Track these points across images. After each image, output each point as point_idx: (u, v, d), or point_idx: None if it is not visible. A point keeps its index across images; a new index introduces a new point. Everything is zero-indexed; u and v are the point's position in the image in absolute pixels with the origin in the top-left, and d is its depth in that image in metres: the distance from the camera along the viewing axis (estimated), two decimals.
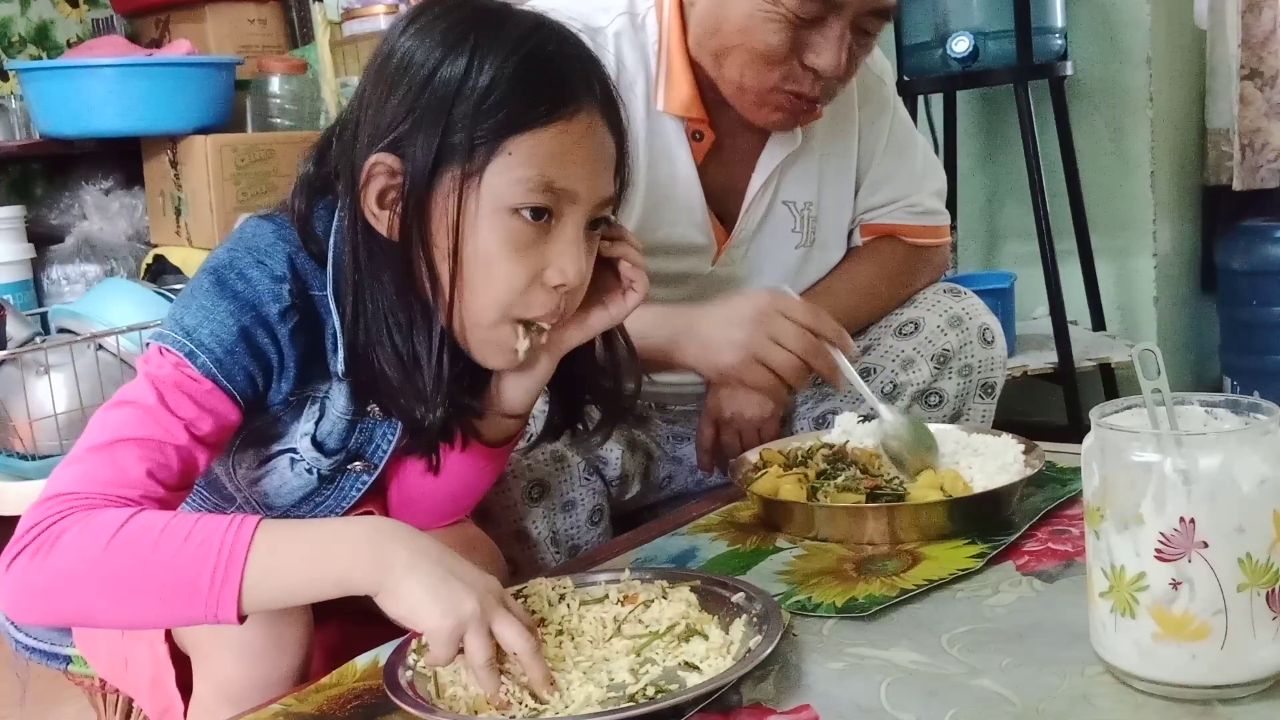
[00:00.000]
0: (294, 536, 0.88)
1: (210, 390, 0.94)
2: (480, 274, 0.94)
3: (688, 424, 1.55)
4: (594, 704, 0.84)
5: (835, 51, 1.29)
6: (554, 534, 1.35)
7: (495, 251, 0.93)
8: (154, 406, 0.92)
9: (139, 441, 0.91)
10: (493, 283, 0.94)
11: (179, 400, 0.93)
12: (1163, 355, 0.80)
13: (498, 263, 0.93)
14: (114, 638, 1.07)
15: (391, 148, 0.93)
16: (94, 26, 3.03)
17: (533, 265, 0.94)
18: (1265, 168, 2.89)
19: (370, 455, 1.06)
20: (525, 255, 0.94)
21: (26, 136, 2.71)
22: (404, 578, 0.86)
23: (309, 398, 1.01)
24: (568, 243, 0.94)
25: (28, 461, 2.18)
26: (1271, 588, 0.77)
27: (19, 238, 2.61)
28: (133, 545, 0.85)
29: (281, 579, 0.86)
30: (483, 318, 0.95)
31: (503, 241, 0.93)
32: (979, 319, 1.48)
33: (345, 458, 1.05)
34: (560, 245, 0.94)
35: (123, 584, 0.85)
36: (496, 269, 0.93)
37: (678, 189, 1.43)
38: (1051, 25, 2.58)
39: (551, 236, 0.94)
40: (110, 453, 0.91)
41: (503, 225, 0.93)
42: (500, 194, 0.92)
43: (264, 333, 0.95)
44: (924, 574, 1.03)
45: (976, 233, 3.10)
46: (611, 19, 1.41)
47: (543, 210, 0.93)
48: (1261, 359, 2.89)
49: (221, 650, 0.95)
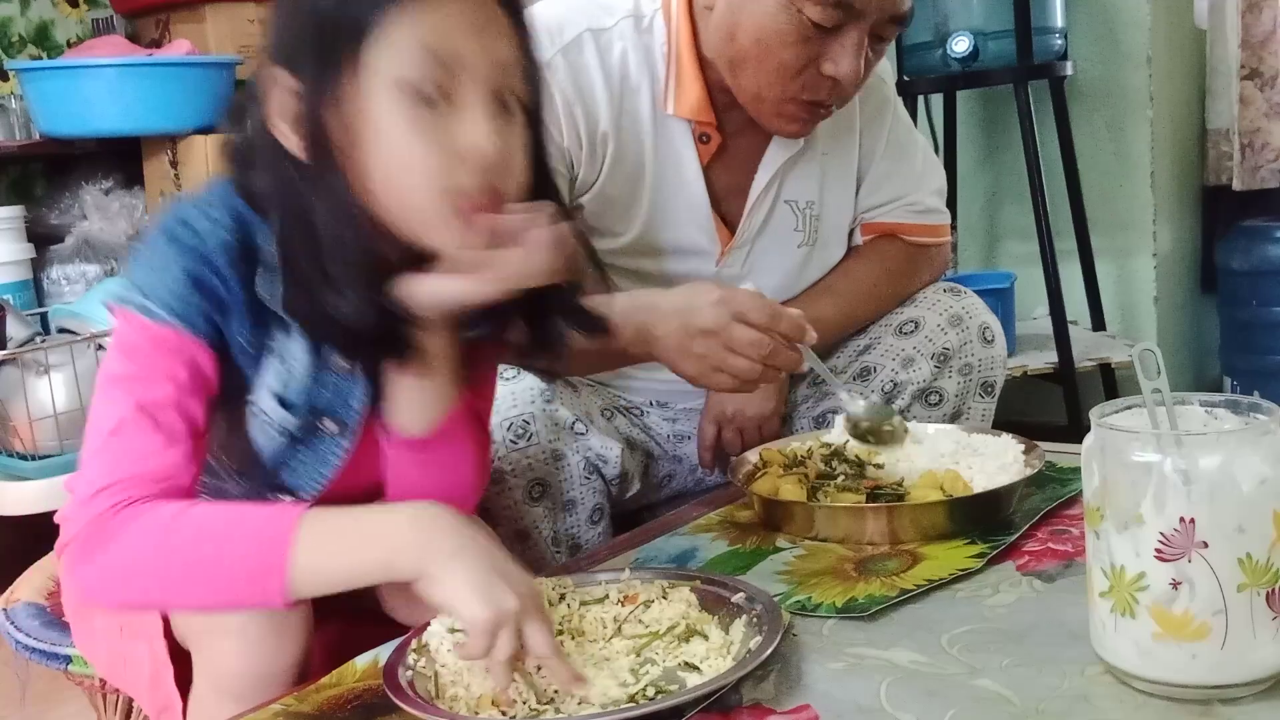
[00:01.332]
0: (338, 524, 0.90)
1: (175, 337, 0.94)
2: (393, 166, 0.91)
3: (688, 422, 1.55)
4: (611, 701, 0.85)
5: (854, 59, 1.29)
6: (554, 533, 1.35)
7: (397, 140, 0.91)
8: (135, 374, 0.94)
9: (138, 413, 0.93)
10: (406, 170, 0.91)
11: (151, 359, 0.94)
12: (1163, 355, 0.80)
13: (404, 149, 0.91)
14: (113, 636, 1.07)
15: (284, 63, 0.92)
16: (94, 26, 3.02)
17: (441, 143, 0.91)
18: (1265, 168, 2.90)
19: (342, 414, 1.03)
20: (430, 135, 0.91)
21: (26, 136, 2.70)
22: (448, 565, 0.87)
23: (269, 348, 1.00)
24: (471, 117, 0.92)
25: (28, 461, 2.18)
26: (1271, 588, 0.77)
27: (19, 238, 2.61)
28: (183, 542, 0.89)
29: (326, 565, 0.89)
30: (413, 206, 0.93)
31: (402, 129, 0.91)
32: (979, 318, 1.48)
33: (313, 415, 1.02)
34: (463, 120, 0.92)
35: (179, 578, 0.90)
36: (405, 156, 0.91)
37: (683, 191, 1.43)
38: (1051, 25, 2.58)
39: (452, 111, 0.92)
40: (121, 435, 0.92)
41: (398, 105, 0.90)
42: (388, 71, 0.90)
43: (211, 273, 0.95)
44: (924, 574, 1.03)
45: (976, 233, 3.10)
46: (616, 20, 1.41)
47: (435, 88, 0.91)
48: (1261, 359, 2.89)
49: (221, 642, 0.96)
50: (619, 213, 1.42)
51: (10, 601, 1.30)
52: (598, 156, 1.39)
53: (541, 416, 1.31)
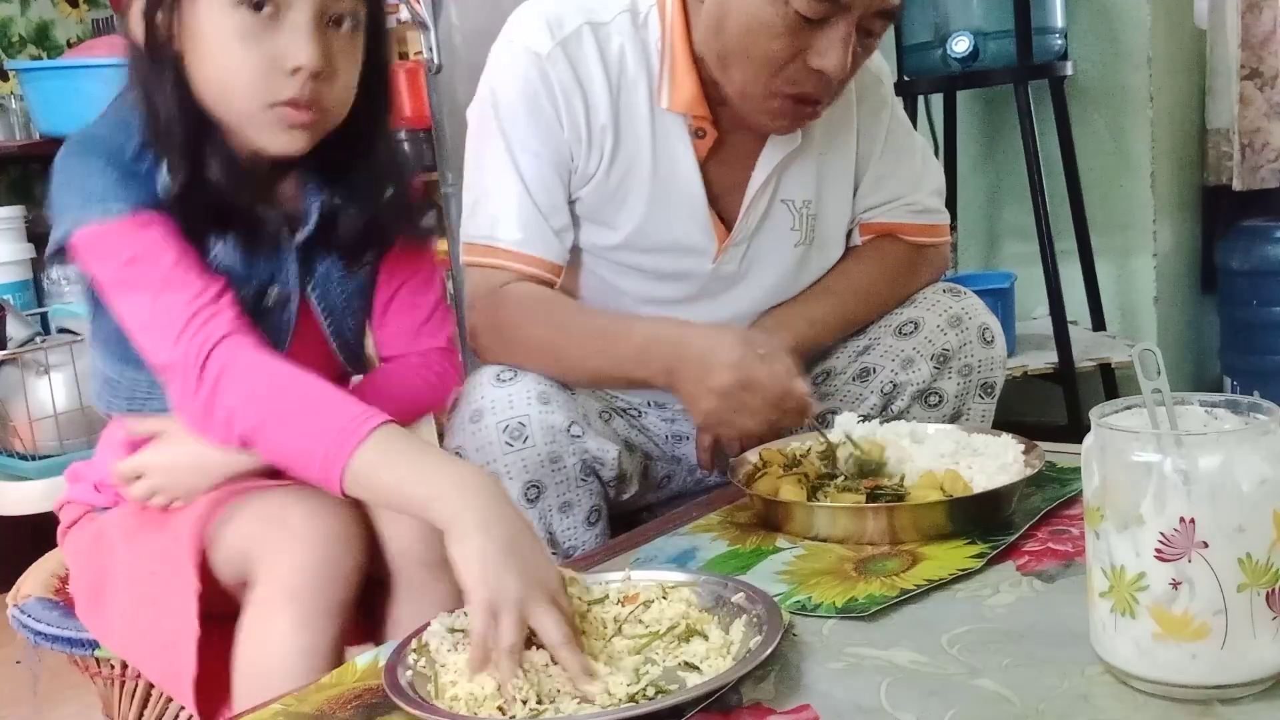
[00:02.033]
0: (402, 448, 0.98)
1: (143, 218, 1.02)
2: (219, 70, 1.01)
3: (686, 423, 1.55)
4: (611, 701, 0.85)
5: (840, 53, 1.28)
6: (551, 535, 1.35)
7: (225, 46, 1.00)
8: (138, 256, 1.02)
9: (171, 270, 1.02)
10: (231, 74, 1.01)
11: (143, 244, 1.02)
12: (1163, 355, 0.80)
13: (230, 56, 1.00)
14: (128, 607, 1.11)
15: None
16: (94, 26, 3.03)
17: (265, 53, 1.01)
18: (1265, 168, 2.90)
19: (281, 281, 1.12)
20: (256, 45, 1.00)
21: (26, 136, 2.71)
22: (469, 531, 0.91)
23: None
24: (295, 29, 1.01)
25: (28, 461, 2.19)
26: (1271, 588, 0.77)
27: (19, 238, 2.61)
28: (285, 402, 1.00)
29: (378, 478, 0.97)
30: (238, 105, 1.02)
31: (230, 35, 1.00)
32: (979, 318, 1.48)
33: (257, 288, 1.10)
34: (289, 33, 1.01)
35: (273, 432, 1.01)
36: (232, 62, 1.00)
37: (679, 187, 1.43)
38: (1051, 25, 2.58)
39: (280, 25, 1.01)
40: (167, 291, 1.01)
41: (226, 20, 1.00)
42: None
43: (129, 162, 1.03)
44: (924, 574, 1.03)
45: (976, 233, 3.10)
46: (614, 15, 1.41)
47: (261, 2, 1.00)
48: (1261, 359, 2.89)
49: (288, 541, 1.02)
50: (617, 206, 1.42)
51: (20, 598, 1.31)
52: (597, 149, 1.40)
53: (538, 419, 1.31)
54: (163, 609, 1.06)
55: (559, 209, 1.40)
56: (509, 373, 1.34)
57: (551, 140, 1.38)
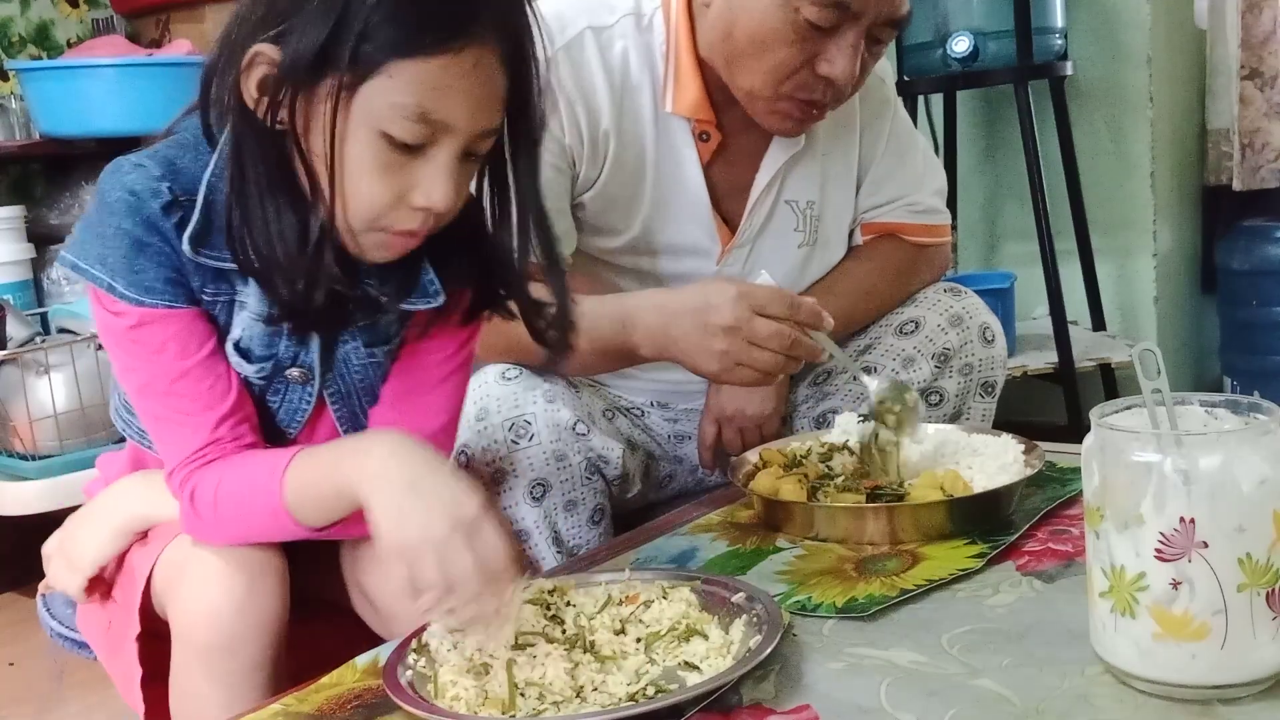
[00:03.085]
0: (314, 459, 0.96)
1: (148, 313, 0.97)
2: (350, 184, 0.94)
3: (689, 422, 1.55)
4: (611, 701, 0.85)
5: (849, 60, 1.29)
6: (555, 534, 1.35)
7: (364, 168, 0.93)
8: (137, 363, 0.99)
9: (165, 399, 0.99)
10: (360, 195, 0.94)
11: (142, 342, 0.98)
12: (1163, 355, 0.80)
13: (365, 178, 0.93)
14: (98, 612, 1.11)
15: (276, 39, 0.91)
16: (94, 26, 3.03)
17: (399, 186, 0.94)
18: (1265, 168, 2.89)
19: (305, 362, 1.05)
20: (393, 176, 0.93)
21: (26, 136, 2.71)
22: (366, 488, 0.89)
23: (231, 301, 1.01)
24: (438, 168, 0.94)
25: (28, 461, 2.19)
26: (1271, 588, 0.77)
27: (19, 238, 2.61)
28: (230, 505, 0.98)
29: (310, 498, 0.96)
30: (354, 223, 0.95)
31: (373, 160, 0.93)
32: (979, 318, 1.48)
33: (275, 366, 1.03)
34: (430, 170, 0.94)
35: (239, 526, 0.99)
36: (364, 184, 0.93)
37: (684, 189, 1.43)
38: (1051, 25, 2.58)
39: (423, 160, 0.94)
40: (163, 425, 1.00)
41: (374, 144, 0.92)
42: (375, 114, 0.91)
43: (152, 233, 0.96)
44: (924, 574, 1.03)
45: (976, 233, 3.10)
46: (617, 19, 1.41)
47: (414, 141, 0.93)
48: (1261, 359, 2.89)
49: (190, 591, 1.00)
50: (620, 211, 1.42)
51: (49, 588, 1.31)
52: (599, 154, 1.40)
53: (543, 417, 1.31)
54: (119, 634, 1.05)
55: (560, 214, 1.40)
56: (514, 371, 1.34)
57: (552, 145, 1.38)
